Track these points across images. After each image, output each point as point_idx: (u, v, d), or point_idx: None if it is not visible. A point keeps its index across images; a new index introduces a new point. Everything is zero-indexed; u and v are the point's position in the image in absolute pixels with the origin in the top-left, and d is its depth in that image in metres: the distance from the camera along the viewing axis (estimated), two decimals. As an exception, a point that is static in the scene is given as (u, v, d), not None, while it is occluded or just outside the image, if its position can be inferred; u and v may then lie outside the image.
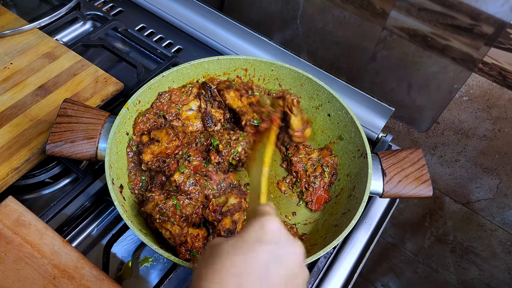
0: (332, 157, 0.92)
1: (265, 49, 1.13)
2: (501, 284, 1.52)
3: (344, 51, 1.28)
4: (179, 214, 0.74)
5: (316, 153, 0.92)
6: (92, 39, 1.12)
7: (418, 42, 1.09)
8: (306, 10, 1.27)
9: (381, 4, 1.09)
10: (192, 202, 0.76)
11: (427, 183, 0.82)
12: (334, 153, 0.93)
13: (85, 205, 0.87)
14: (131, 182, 0.83)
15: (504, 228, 1.34)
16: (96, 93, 0.97)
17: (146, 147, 0.83)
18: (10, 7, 1.20)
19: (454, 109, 1.18)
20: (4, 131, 0.88)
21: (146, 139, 0.84)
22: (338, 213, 0.83)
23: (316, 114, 0.95)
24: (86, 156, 0.79)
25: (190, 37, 1.21)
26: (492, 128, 1.15)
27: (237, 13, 1.46)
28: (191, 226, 0.77)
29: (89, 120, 0.81)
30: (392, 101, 1.01)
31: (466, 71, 1.06)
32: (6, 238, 0.73)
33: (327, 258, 0.85)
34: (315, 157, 0.91)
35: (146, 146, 0.83)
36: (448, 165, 1.32)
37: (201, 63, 0.92)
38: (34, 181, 0.89)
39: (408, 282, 1.86)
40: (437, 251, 1.61)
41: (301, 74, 0.93)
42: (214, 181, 0.81)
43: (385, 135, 1.03)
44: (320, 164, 0.90)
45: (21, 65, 1.00)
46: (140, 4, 1.26)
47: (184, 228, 0.74)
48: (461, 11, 0.97)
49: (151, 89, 0.88)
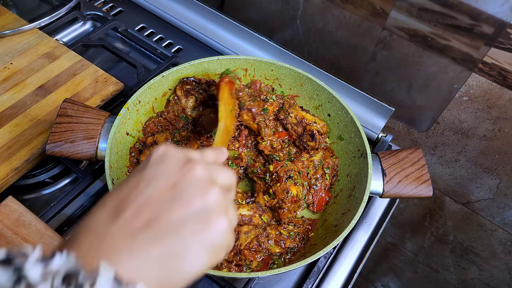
0: (333, 158, 0.91)
1: (265, 49, 1.13)
2: (501, 284, 1.52)
3: (344, 51, 1.28)
4: None
5: (319, 155, 0.91)
6: (92, 39, 1.12)
7: (418, 42, 1.09)
8: (306, 10, 1.27)
9: (381, 4, 1.09)
10: None
11: (427, 183, 0.82)
12: (336, 154, 0.92)
13: (85, 205, 0.87)
14: None
15: (504, 228, 1.34)
16: (96, 93, 0.97)
17: (147, 148, 0.84)
18: (10, 7, 1.20)
19: (454, 109, 1.18)
20: (4, 131, 0.88)
21: (151, 141, 0.85)
22: (338, 213, 0.83)
23: (316, 114, 0.95)
24: (86, 156, 0.79)
25: (190, 37, 1.21)
26: (492, 128, 1.15)
27: (237, 13, 1.46)
28: None
29: (89, 120, 0.81)
30: (392, 101, 1.01)
31: (466, 71, 1.06)
32: (6, 238, 0.73)
33: (327, 258, 0.85)
34: (317, 160, 0.90)
35: (146, 148, 0.84)
36: (448, 165, 1.32)
37: (201, 63, 0.92)
38: (34, 181, 0.89)
39: (408, 282, 1.86)
40: (437, 251, 1.61)
41: (301, 74, 0.93)
42: None
43: (385, 135, 1.03)
44: (321, 166, 0.89)
45: (21, 65, 1.00)
46: (140, 4, 1.26)
47: None
48: (461, 11, 0.97)
49: (151, 89, 0.88)
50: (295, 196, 0.80)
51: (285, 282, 0.83)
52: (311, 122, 0.88)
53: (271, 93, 0.94)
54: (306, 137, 0.88)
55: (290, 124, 0.89)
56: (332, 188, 0.90)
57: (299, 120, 0.88)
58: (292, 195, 0.79)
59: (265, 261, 0.78)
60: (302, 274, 0.84)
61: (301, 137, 0.88)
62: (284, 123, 0.89)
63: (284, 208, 0.79)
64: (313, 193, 0.87)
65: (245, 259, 0.76)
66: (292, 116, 0.88)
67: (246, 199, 0.84)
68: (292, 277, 0.84)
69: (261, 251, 0.78)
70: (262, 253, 0.78)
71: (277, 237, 0.80)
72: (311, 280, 0.81)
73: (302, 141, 0.88)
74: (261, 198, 0.81)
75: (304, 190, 0.85)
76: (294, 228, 0.82)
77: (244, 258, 0.76)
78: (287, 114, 0.89)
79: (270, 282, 0.83)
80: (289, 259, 0.79)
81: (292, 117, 0.88)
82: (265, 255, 0.78)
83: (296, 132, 0.89)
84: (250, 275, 0.70)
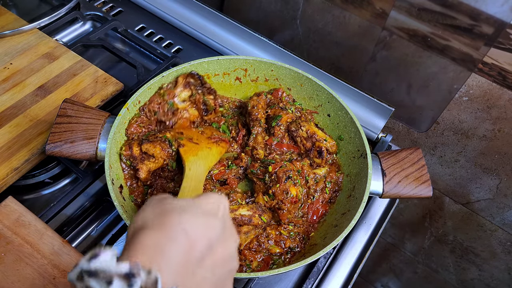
0: (338, 173, 0.89)
1: (265, 49, 1.13)
2: (501, 284, 1.52)
3: (344, 51, 1.28)
4: None
5: (324, 170, 0.88)
6: (92, 39, 1.12)
7: (418, 42, 1.09)
8: (306, 10, 1.27)
9: (381, 4, 1.09)
10: None
11: (427, 183, 0.82)
12: (342, 170, 0.90)
13: (85, 205, 0.87)
14: (133, 193, 0.82)
15: (504, 228, 1.34)
16: (96, 93, 0.97)
17: (141, 162, 0.80)
18: (10, 7, 1.20)
19: (454, 109, 1.18)
20: (4, 131, 0.88)
21: (138, 152, 0.81)
22: (337, 213, 0.83)
23: (327, 132, 0.94)
24: (86, 157, 0.79)
25: (190, 37, 1.21)
26: (492, 128, 1.15)
27: (237, 13, 1.46)
28: None
29: (89, 120, 0.81)
30: (392, 101, 1.01)
31: (466, 71, 1.06)
32: (6, 238, 0.73)
33: (327, 258, 0.85)
34: (321, 174, 0.87)
35: (140, 162, 0.80)
36: (448, 165, 1.32)
37: (201, 63, 0.92)
38: (34, 181, 0.89)
39: (407, 283, 1.86)
40: (437, 252, 1.61)
41: (301, 74, 0.93)
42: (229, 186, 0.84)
43: (385, 135, 1.03)
44: (324, 180, 0.87)
45: (21, 65, 1.00)
46: (140, 4, 1.26)
47: None
48: (461, 11, 0.97)
49: (151, 89, 0.88)
50: (295, 197, 0.79)
51: (285, 282, 0.83)
52: (321, 139, 0.87)
53: (291, 104, 0.94)
54: (313, 153, 0.87)
55: (300, 138, 0.88)
56: (332, 201, 0.88)
57: (309, 135, 0.87)
58: (291, 196, 0.79)
59: (265, 261, 0.78)
60: (302, 274, 0.84)
61: (309, 152, 0.88)
62: (294, 135, 0.89)
63: (283, 209, 0.79)
64: (309, 204, 0.86)
65: (245, 259, 0.76)
66: (303, 129, 0.88)
67: (246, 199, 0.83)
68: (292, 277, 0.84)
69: (261, 251, 0.78)
70: (262, 253, 0.78)
71: (277, 237, 0.80)
72: (311, 280, 0.81)
73: (309, 156, 0.88)
74: (261, 198, 0.81)
75: (304, 190, 0.85)
76: (294, 228, 0.82)
77: (244, 258, 0.76)
78: (298, 127, 0.88)
79: (270, 282, 0.83)
80: (289, 259, 0.79)
81: (303, 131, 0.88)
82: (265, 255, 0.78)
83: (304, 146, 0.88)
84: (250, 275, 0.70)
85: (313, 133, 0.87)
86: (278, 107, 0.91)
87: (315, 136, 0.87)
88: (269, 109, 0.92)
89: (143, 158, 0.80)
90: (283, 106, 0.92)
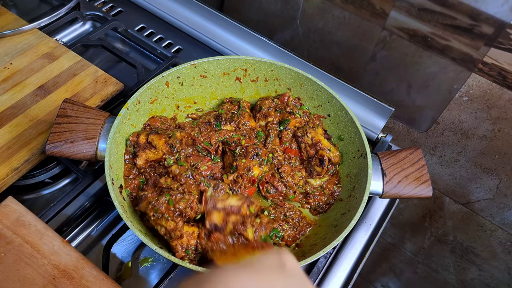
0: (337, 186, 0.89)
1: (265, 49, 1.13)
2: (501, 284, 1.52)
3: (344, 51, 1.28)
4: (173, 210, 0.73)
5: (323, 180, 0.89)
6: (92, 39, 1.12)
7: (418, 42, 1.09)
8: (306, 10, 1.27)
9: (381, 4, 1.09)
10: (185, 197, 0.75)
11: (427, 183, 0.82)
12: (341, 183, 0.89)
13: (85, 205, 0.87)
14: (128, 187, 0.82)
15: (504, 228, 1.34)
16: (96, 93, 0.97)
17: (142, 150, 0.82)
18: (10, 7, 1.20)
19: (454, 109, 1.18)
20: (4, 131, 0.88)
21: (144, 141, 0.83)
22: (337, 213, 0.83)
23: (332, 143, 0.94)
24: (86, 157, 0.79)
25: (190, 37, 1.21)
26: (492, 128, 1.15)
27: (237, 13, 1.46)
28: (186, 222, 0.76)
29: (89, 120, 0.81)
30: (392, 101, 1.01)
31: (466, 71, 1.06)
32: (6, 238, 0.73)
33: (327, 258, 0.85)
34: (315, 184, 0.88)
35: (142, 150, 0.82)
36: (448, 165, 1.32)
37: (201, 63, 0.92)
38: (34, 181, 0.89)
39: (407, 282, 1.86)
40: (437, 251, 1.61)
41: (301, 74, 0.93)
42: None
43: (385, 135, 1.03)
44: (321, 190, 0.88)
45: (21, 65, 1.00)
46: (140, 4, 1.26)
47: (178, 223, 0.73)
48: (461, 11, 0.97)
49: (151, 89, 0.88)
50: (254, 177, 0.80)
51: (285, 282, 0.83)
52: (325, 148, 0.87)
53: (298, 108, 0.94)
54: (315, 160, 0.87)
55: (305, 144, 0.89)
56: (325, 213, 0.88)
57: (314, 142, 0.88)
58: (252, 175, 0.80)
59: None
60: (302, 274, 0.84)
61: (310, 159, 0.88)
62: (299, 141, 0.90)
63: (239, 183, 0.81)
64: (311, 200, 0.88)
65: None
66: (309, 136, 0.89)
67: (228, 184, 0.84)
68: (292, 277, 0.83)
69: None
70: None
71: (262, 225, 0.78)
72: (311, 280, 0.81)
73: (310, 163, 0.88)
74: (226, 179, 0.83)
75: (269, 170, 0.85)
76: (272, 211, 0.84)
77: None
78: (304, 133, 0.89)
79: (270, 282, 0.82)
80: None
81: (309, 138, 0.88)
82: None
83: (307, 153, 0.89)
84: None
85: (318, 141, 0.88)
86: (286, 112, 0.93)
87: (320, 145, 0.87)
88: (277, 113, 0.94)
89: (145, 147, 0.82)
90: (291, 110, 0.93)
